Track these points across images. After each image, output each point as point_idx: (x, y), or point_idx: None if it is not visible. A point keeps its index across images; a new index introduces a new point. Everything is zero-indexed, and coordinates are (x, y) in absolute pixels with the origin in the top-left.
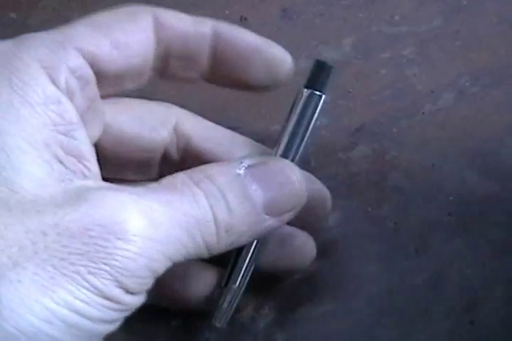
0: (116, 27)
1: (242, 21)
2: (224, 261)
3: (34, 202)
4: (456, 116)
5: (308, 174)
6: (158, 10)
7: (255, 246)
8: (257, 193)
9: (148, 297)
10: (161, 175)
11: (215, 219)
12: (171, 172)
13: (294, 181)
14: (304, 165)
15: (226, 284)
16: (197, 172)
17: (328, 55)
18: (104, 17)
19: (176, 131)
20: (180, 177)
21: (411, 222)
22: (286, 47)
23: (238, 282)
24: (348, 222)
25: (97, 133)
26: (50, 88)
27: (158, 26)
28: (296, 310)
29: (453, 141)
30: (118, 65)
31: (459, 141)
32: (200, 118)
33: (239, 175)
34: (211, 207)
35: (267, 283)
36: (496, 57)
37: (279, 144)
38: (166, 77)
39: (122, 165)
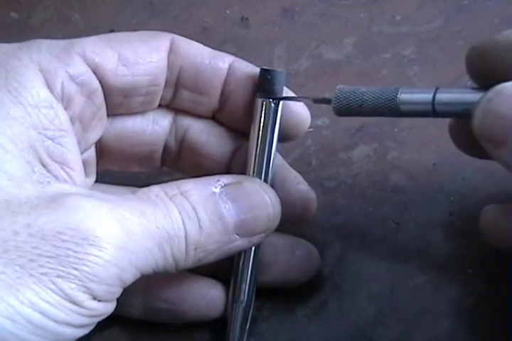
0: (126, 44)
1: (243, 21)
2: (217, 272)
3: (9, 202)
4: None
5: (295, 174)
6: (178, 37)
7: (256, 259)
8: (230, 213)
9: (146, 312)
10: (163, 166)
11: (186, 236)
12: (170, 164)
13: (268, 205)
14: (305, 165)
15: (235, 302)
16: (172, 186)
17: (330, 55)
18: (117, 35)
19: (175, 121)
20: (155, 190)
21: (412, 222)
22: (287, 47)
23: (246, 299)
24: (350, 222)
25: (97, 136)
26: (45, 92)
27: (173, 50)
28: (297, 311)
29: None
30: (123, 81)
31: None
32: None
33: (214, 193)
34: (183, 223)
35: None
36: None
37: (250, 163)
38: (176, 109)
39: (127, 160)
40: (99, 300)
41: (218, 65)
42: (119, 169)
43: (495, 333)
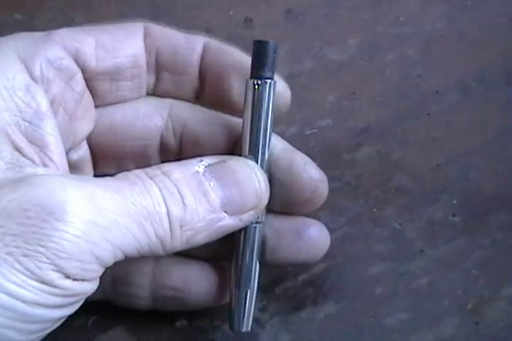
0: (102, 31)
1: (247, 22)
2: (221, 258)
3: None
4: (461, 117)
5: (303, 155)
6: (151, 24)
7: (259, 245)
8: (215, 190)
9: (154, 301)
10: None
11: (169, 213)
12: (171, 160)
13: (254, 181)
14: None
15: (239, 288)
16: (154, 168)
17: (333, 56)
18: (92, 26)
19: (172, 117)
20: (135, 171)
21: (416, 223)
22: (290, 48)
23: (252, 284)
24: (353, 223)
25: (87, 129)
26: (22, 75)
27: (148, 35)
28: (300, 312)
29: (458, 142)
30: (105, 63)
31: (463, 141)
32: (195, 106)
33: (197, 172)
34: (164, 200)
35: (272, 284)
36: (501, 57)
37: (243, 143)
38: (161, 94)
39: (121, 157)
40: (74, 279)
41: (194, 43)
42: (116, 170)
43: (500, 334)
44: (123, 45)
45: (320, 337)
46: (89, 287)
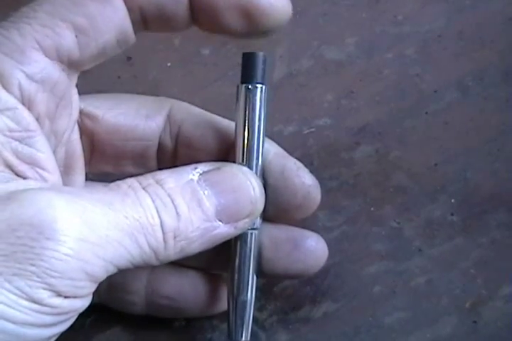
0: (76, 8)
1: None
2: (218, 267)
3: None
4: (459, 116)
5: (295, 160)
6: None
7: (255, 252)
8: (210, 198)
9: (148, 308)
10: (159, 167)
11: (162, 224)
12: (167, 164)
13: (249, 188)
14: (307, 165)
15: (236, 298)
16: (147, 176)
17: (331, 55)
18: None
19: (169, 117)
20: (128, 181)
21: (414, 222)
22: (289, 47)
23: (249, 293)
24: (351, 222)
25: (66, 126)
26: (5, 95)
27: None
28: (299, 311)
29: (456, 141)
30: (90, 47)
31: (462, 140)
32: (193, 107)
33: (191, 180)
34: (157, 211)
35: (270, 284)
36: (500, 56)
37: (237, 149)
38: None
39: (120, 157)
40: (66, 297)
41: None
42: (113, 169)
43: (498, 333)
44: (101, 21)
45: (318, 336)
46: (81, 304)
